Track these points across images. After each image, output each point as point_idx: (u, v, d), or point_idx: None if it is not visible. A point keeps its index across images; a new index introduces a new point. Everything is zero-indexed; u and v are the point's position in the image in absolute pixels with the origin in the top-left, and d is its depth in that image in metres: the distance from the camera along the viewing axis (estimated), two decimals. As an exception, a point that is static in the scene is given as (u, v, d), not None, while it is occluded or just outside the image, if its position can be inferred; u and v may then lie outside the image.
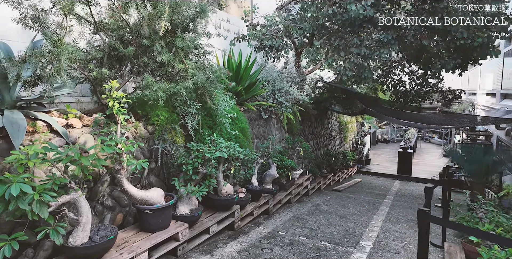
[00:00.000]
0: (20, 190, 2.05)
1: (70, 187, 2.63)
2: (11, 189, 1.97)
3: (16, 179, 2.08)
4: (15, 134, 2.59)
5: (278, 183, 6.19)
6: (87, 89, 4.23)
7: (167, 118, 4.18)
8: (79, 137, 3.31)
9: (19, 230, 2.61)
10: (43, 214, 2.23)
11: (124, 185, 3.11)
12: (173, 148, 4.05)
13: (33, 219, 2.22)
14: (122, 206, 3.65)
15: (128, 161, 3.04)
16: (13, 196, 2.03)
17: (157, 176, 4.20)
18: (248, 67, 6.02)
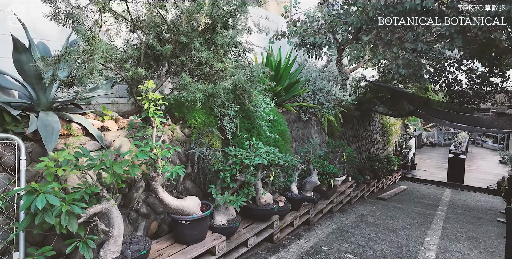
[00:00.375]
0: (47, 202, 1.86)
1: (102, 196, 2.44)
2: (37, 201, 1.78)
3: (44, 189, 1.89)
4: (48, 138, 2.45)
5: (318, 191, 5.75)
6: (124, 89, 4.11)
7: (204, 121, 3.94)
8: (114, 141, 3.15)
9: (51, 240, 2.47)
10: (72, 227, 2.04)
11: (159, 193, 2.88)
12: (210, 152, 3.80)
13: (62, 232, 2.03)
14: (157, 213, 3.46)
15: (163, 167, 2.81)
16: (39, 209, 1.84)
17: (194, 182, 3.97)
18: (288, 66, 5.64)
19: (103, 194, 2.44)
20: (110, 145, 3.07)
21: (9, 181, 2.32)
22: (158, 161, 2.86)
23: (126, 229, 3.10)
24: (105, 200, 2.45)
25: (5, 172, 2.33)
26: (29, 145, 2.50)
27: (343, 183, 6.90)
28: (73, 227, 2.04)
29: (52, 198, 1.86)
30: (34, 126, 2.48)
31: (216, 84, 3.07)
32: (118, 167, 2.35)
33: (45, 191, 1.90)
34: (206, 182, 4.04)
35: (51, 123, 2.58)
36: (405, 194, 9.85)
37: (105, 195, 2.44)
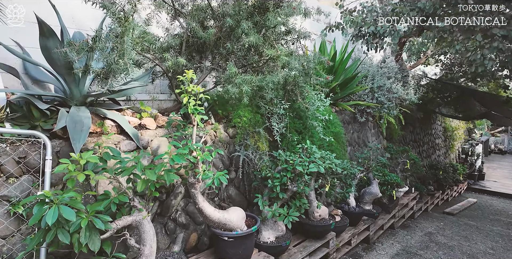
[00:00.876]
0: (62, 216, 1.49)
1: (133, 206, 2.06)
2: (47, 216, 1.41)
3: (60, 199, 1.53)
4: (77, 135, 2.13)
5: (377, 203, 4.98)
6: (165, 85, 3.80)
7: (250, 120, 3.47)
8: (151, 141, 2.80)
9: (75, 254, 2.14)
10: (93, 246, 1.66)
11: (199, 202, 2.45)
12: (256, 156, 3.31)
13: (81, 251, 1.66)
14: (197, 223, 3.05)
15: (204, 173, 2.37)
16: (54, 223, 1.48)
17: (237, 189, 3.51)
18: (344, 60, 4.98)
19: (134, 204, 2.06)
20: (147, 145, 2.72)
21: (33, 184, 2.04)
22: (198, 166, 2.44)
23: (162, 241, 2.72)
24: (136, 211, 2.06)
25: (29, 174, 2.05)
26: (57, 143, 2.21)
27: (405, 195, 6.01)
28: (95, 245, 1.67)
29: (67, 211, 1.49)
30: (63, 122, 2.18)
31: (265, 75, 2.57)
32: (151, 172, 1.95)
33: (61, 201, 1.53)
34: (251, 190, 3.56)
35: (82, 119, 2.27)
36: (476, 208, 8.51)
37: (136, 205, 2.06)
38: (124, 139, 2.60)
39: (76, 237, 1.61)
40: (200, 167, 2.47)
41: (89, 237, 1.65)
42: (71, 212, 1.50)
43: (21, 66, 2.63)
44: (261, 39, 2.40)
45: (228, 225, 2.53)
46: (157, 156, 2.04)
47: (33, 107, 2.18)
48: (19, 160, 2.02)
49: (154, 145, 2.79)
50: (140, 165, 1.92)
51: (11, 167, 1.97)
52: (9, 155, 1.97)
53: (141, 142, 2.67)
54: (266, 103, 3.62)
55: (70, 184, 1.70)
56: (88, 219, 1.65)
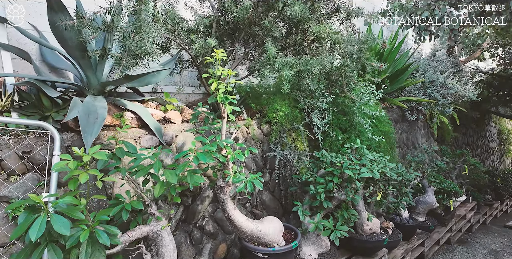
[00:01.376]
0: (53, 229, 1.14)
1: (150, 214, 1.70)
2: (31, 229, 1.07)
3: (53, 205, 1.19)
4: (89, 128, 1.82)
5: (431, 214, 4.32)
6: (194, 77, 3.47)
7: (288, 115, 3.02)
8: (176, 136, 2.45)
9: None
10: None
11: (229, 210, 2.05)
12: (294, 156, 2.86)
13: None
14: (226, 232, 2.65)
15: (235, 175, 1.97)
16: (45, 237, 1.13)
17: (272, 194, 3.08)
18: (393, 50, 4.38)
19: (151, 211, 1.69)
20: (171, 141, 2.38)
21: (38, 183, 1.74)
22: (228, 166, 2.04)
23: (187, 253, 2.36)
24: (154, 220, 1.70)
25: (34, 172, 1.75)
26: (69, 137, 1.91)
27: (462, 205, 5.25)
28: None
29: (60, 221, 1.14)
30: (75, 113, 1.88)
31: (310, 58, 2.12)
32: (171, 173, 1.57)
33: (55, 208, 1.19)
34: (287, 195, 3.11)
35: (97, 109, 1.96)
36: (542, 222, 7.39)
37: (153, 212, 1.69)
38: (146, 133, 2.26)
39: (75, 254, 1.27)
40: (231, 168, 2.07)
41: (91, 254, 1.29)
42: (64, 224, 1.15)
43: (37, 52, 2.39)
44: (307, 11, 1.95)
45: (263, 239, 2.11)
46: (178, 154, 1.66)
47: (43, 95, 1.90)
48: (23, 155, 1.73)
49: (179, 141, 2.44)
50: (158, 163, 1.55)
51: (13, 163, 1.68)
52: (11, 149, 1.69)
53: (164, 138, 2.32)
54: (305, 96, 3.17)
55: (72, 185, 1.36)
56: (90, 231, 1.29)
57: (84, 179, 1.32)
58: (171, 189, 1.66)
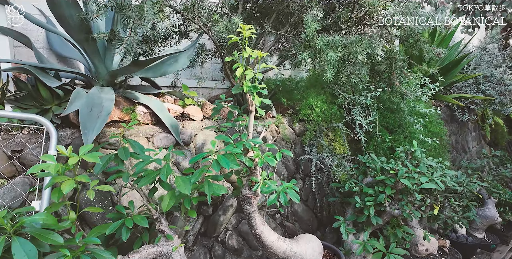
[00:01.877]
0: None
1: (159, 231, 1.35)
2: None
3: (19, 225, 0.86)
4: (90, 123, 1.51)
5: (490, 230, 3.69)
6: (217, 70, 3.13)
7: (324, 112, 2.60)
8: (196, 135, 2.11)
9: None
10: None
11: (257, 226, 1.67)
12: (333, 161, 2.42)
13: None
14: (252, 248, 2.28)
15: (265, 183, 1.59)
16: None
17: (305, 203, 2.66)
18: (445, 38, 3.81)
19: (160, 227, 1.34)
20: (190, 140, 2.04)
21: (30, 188, 1.45)
22: (256, 172, 1.67)
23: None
24: (163, 238, 1.35)
25: (25, 175, 1.46)
26: (69, 133, 1.61)
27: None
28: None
29: (23, 248, 0.80)
30: (77, 105, 1.58)
31: (360, 38, 1.69)
32: (185, 182, 1.21)
33: (19, 232, 0.86)
34: (323, 205, 2.68)
35: (102, 102, 1.65)
36: None
37: (163, 229, 1.34)
38: (160, 131, 1.94)
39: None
40: (259, 174, 1.69)
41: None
42: (30, 253, 0.81)
43: (44, 40, 2.14)
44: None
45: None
46: (194, 158, 1.29)
47: (41, 84, 1.62)
48: (12, 155, 1.44)
49: (199, 140, 2.09)
50: (167, 169, 1.20)
51: (0, 164, 1.40)
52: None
53: (182, 137, 1.99)
54: (345, 90, 2.72)
55: (55, 196, 1.03)
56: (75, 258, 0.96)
57: (68, 188, 0.99)
58: (185, 201, 1.30)
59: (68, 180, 1.03)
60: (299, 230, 2.58)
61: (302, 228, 2.60)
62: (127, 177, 1.27)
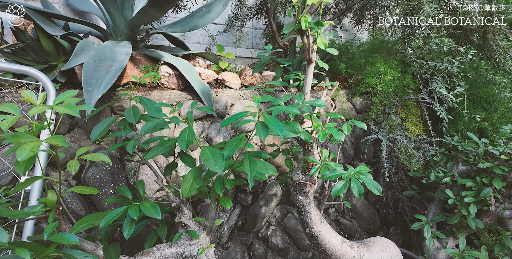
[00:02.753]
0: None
1: (180, 224, 0.95)
2: None
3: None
4: (95, 80, 1.15)
5: None
6: (257, 36, 2.67)
7: (395, 82, 2.03)
8: (232, 105, 1.69)
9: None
10: None
11: (313, 223, 1.23)
12: (408, 142, 1.87)
13: None
14: (300, 248, 1.84)
15: (326, 166, 1.13)
16: None
17: (365, 197, 2.15)
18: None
19: (182, 220, 0.94)
20: (225, 111, 1.63)
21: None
22: (313, 151, 1.22)
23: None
24: (185, 236, 0.95)
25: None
26: (75, 95, 1.27)
27: None
28: None
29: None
30: (83, 58, 1.23)
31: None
32: (217, 155, 0.79)
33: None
34: (388, 201, 2.15)
35: (116, 55, 1.28)
36: None
37: (185, 221, 0.94)
38: (189, 98, 1.54)
39: None
40: (317, 153, 1.24)
41: None
42: None
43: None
44: None
45: (371, 277, 1.22)
46: (226, 120, 0.85)
47: (42, 34, 1.28)
48: (0, 118, 1.12)
49: (236, 111, 1.67)
50: (189, 132, 0.78)
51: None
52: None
53: (215, 106, 1.58)
54: (421, 56, 2.14)
55: (19, 168, 0.67)
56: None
57: (28, 154, 0.61)
58: (215, 184, 0.89)
59: (32, 142, 0.65)
60: (357, 229, 2.08)
61: (361, 227, 2.10)
62: (133, 146, 0.88)
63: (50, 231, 0.66)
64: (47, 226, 0.67)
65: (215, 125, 1.59)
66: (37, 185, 0.99)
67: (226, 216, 1.61)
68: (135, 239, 1.32)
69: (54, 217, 0.74)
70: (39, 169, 1.00)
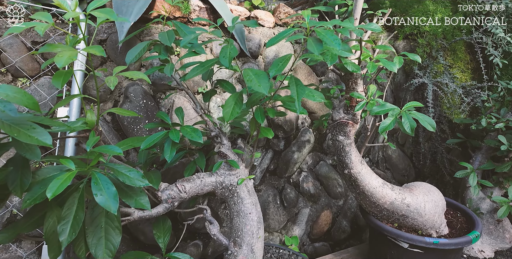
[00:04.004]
0: None
1: (219, 154, 0.92)
2: None
3: None
4: (126, 10, 1.06)
5: None
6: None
7: (443, 21, 1.81)
8: (266, 45, 1.58)
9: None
10: (99, 249, 0.59)
11: (353, 163, 1.18)
12: (456, 88, 1.71)
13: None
14: (332, 196, 1.83)
15: (372, 102, 1.04)
16: None
17: (401, 147, 2.06)
18: None
19: (221, 150, 0.91)
20: (258, 51, 1.53)
21: (59, 94, 1.11)
22: (357, 87, 1.13)
23: (275, 217, 1.63)
24: (225, 166, 0.92)
25: (50, 75, 1.12)
26: (105, 27, 1.21)
27: None
28: (102, 247, 0.60)
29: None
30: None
31: None
32: (261, 76, 0.72)
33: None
34: (426, 152, 2.05)
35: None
36: None
37: (224, 151, 0.91)
38: (220, 35, 1.44)
39: (50, 224, 0.57)
40: (362, 90, 1.14)
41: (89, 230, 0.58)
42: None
43: None
44: None
45: (411, 220, 1.18)
46: (272, 39, 0.76)
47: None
48: (32, 47, 1.09)
49: (270, 52, 1.57)
50: (232, 48, 0.71)
51: (20, 59, 1.06)
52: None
53: (248, 45, 1.48)
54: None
55: (57, 81, 0.63)
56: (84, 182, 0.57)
57: (66, 61, 0.57)
58: (256, 111, 0.83)
59: (70, 51, 0.60)
60: (390, 180, 2.03)
61: (394, 178, 2.05)
62: (170, 68, 0.82)
63: (93, 143, 0.64)
64: (89, 139, 0.65)
65: (247, 65, 1.50)
66: (75, 105, 0.98)
67: (258, 160, 1.59)
68: (170, 177, 1.33)
69: (93, 134, 0.72)
70: (76, 88, 0.98)
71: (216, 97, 1.41)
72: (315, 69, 1.74)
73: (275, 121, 1.58)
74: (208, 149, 1.33)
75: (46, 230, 0.65)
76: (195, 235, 1.41)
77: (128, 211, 0.79)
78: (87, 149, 0.63)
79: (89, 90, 1.13)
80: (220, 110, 1.40)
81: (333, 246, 1.82)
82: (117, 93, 1.22)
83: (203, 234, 1.42)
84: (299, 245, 1.71)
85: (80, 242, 0.68)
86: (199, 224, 1.36)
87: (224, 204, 1.48)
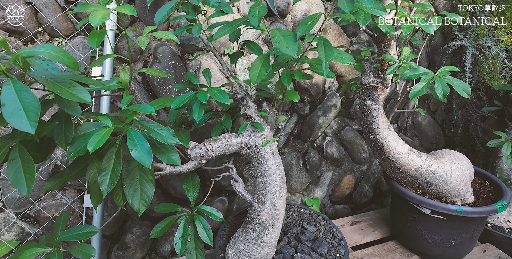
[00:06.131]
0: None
1: (244, 116, 0.94)
2: None
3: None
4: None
5: None
6: None
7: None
8: (294, 3, 1.50)
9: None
10: (135, 198, 0.66)
11: (380, 129, 1.17)
12: (499, 51, 1.57)
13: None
14: (356, 161, 1.84)
15: (406, 65, 0.99)
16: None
17: (432, 115, 1.99)
18: None
19: (247, 112, 0.93)
20: (286, 10, 1.46)
21: (92, 54, 1.15)
22: (389, 49, 1.07)
23: (298, 179, 1.68)
24: (250, 127, 0.95)
25: (86, 35, 1.15)
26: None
27: None
28: (138, 196, 0.67)
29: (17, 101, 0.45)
30: None
31: None
32: (289, 36, 0.70)
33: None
34: (459, 120, 1.96)
35: None
36: None
37: (249, 114, 0.93)
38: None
39: (92, 175, 0.64)
40: (395, 53, 1.09)
41: (127, 174, 0.64)
42: (31, 104, 0.46)
43: None
44: None
45: (436, 187, 1.18)
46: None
47: None
48: (65, 6, 1.11)
49: (299, 11, 1.49)
50: (261, 7, 0.69)
51: (54, 18, 1.09)
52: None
53: (276, 3, 1.41)
54: None
55: (92, 40, 0.65)
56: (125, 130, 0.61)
57: (100, 20, 0.58)
58: (282, 74, 0.82)
59: (103, 10, 0.61)
60: (418, 147, 2.00)
61: (422, 146, 2.01)
62: (198, 28, 0.82)
63: (127, 102, 0.67)
64: (124, 98, 0.68)
65: (275, 26, 1.45)
66: (108, 65, 1.02)
67: (283, 124, 1.61)
68: (198, 136, 1.38)
69: (127, 95, 0.75)
70: (109, 48, 1.01)
71: (242, 59, 1.39)
72: (346, 30, 1.65)
73: (301, 85, 1.56)
74: (234, 111, 1.35)
75: (89, 180, 0.72)
76: (221, 192, 1.50)
77: (160, 166, 0.85)
78: (122, 107, 0.67)
79: (120, 50, 1.15)
80: (246, 72, 1.40)
81: (354, 209, 1.88)
82: (147, 54, 1.24)
83: (228, 191, 1.51)
84: (320, 206, 1.77)
85: (118, 192, 0.75)
86: (225, 182, 1.44)
87: (249, 165, 1.54)
